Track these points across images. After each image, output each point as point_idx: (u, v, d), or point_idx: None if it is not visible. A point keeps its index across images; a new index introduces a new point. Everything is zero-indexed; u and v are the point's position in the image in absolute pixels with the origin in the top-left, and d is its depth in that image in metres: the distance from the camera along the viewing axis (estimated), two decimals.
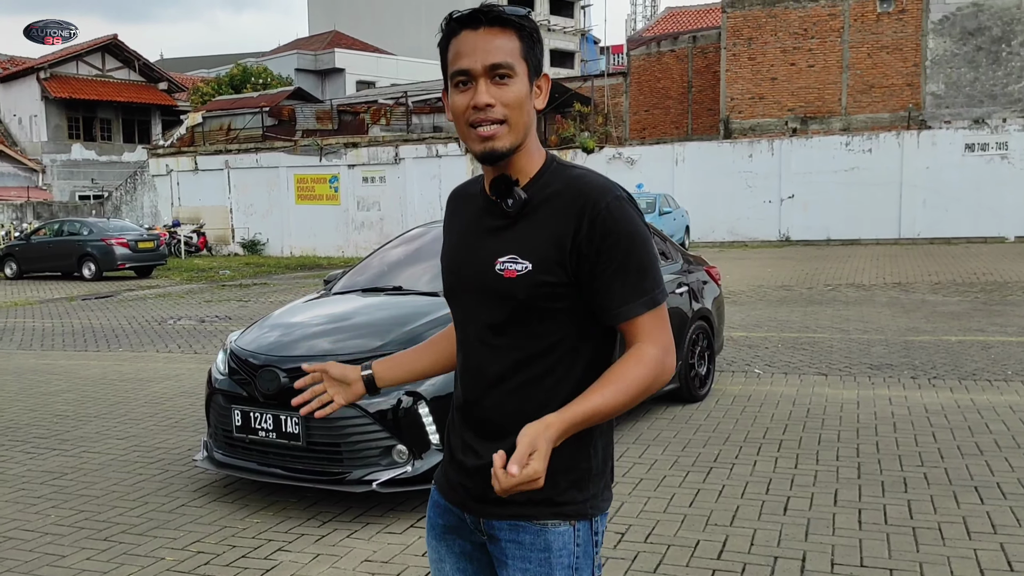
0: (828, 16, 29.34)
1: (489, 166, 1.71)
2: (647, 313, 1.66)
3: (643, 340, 1.66)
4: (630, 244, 1.65)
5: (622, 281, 1.65)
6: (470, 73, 1.64)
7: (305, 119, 30.07)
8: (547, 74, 1.74)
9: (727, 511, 4.45)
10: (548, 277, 1.65)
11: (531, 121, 1.69)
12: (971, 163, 24.54)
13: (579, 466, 1.70)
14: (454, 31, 1.68)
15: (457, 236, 1.82)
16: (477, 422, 1.73)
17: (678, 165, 27.06)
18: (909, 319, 10.80)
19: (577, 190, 1.67)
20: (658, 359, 1.65)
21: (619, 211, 1.65)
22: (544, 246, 1.65)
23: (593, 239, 1.63)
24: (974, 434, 5.71)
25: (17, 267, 22.51)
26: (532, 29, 1.68)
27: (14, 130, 41.31)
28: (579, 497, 1.70)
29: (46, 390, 8.10)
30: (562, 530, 1.69)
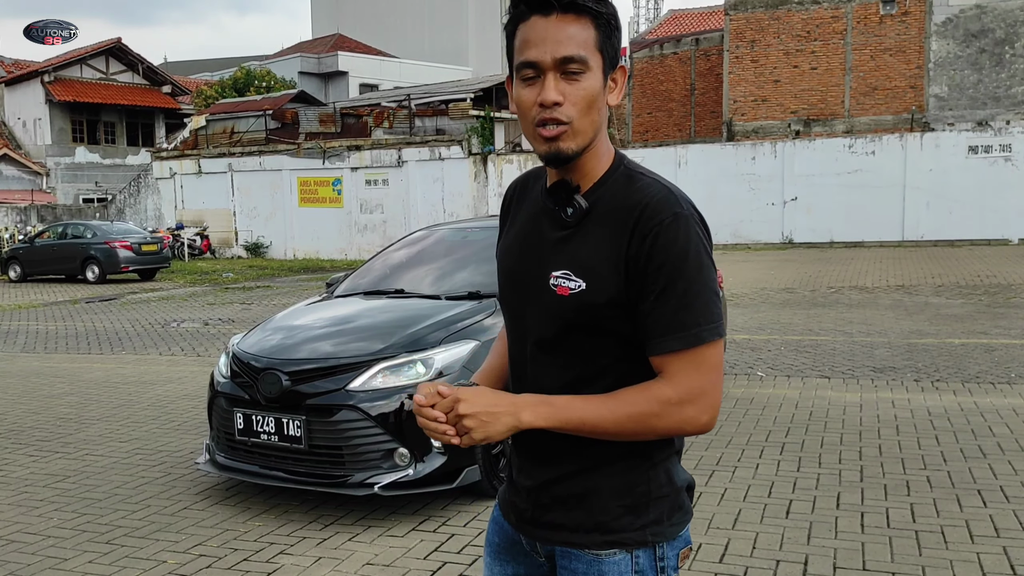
0: (831, 18, 29.33)
1: (554, 168, 1.56)
2: (682, 352, 1.46)
3: (665, 378, 1.48)
4: (679, 269, 1.46)
5: (662, 310, 1.46)
6: (538, 65, 1.48)
7: (308, 122, 30.11)
8: (623, 66, 1.57)
9: (729, 514, 4.45)
10: (601, 298, 1.50)
11: (603, 120, 1.54)
12: (975, 165, 24.49)
13: (634, 489, 1.56)
14: (523, 15, 1.51)
15: (513, 237, 1.67)
16: (526, 444, 1.62)
17: (681, 167, 27.04)
18: (912, 322, 10.78)
19: (634, 202, 1.50)
20: (670, 401, 1.46)
21: (674, 231, 1.46)
22: (599, 264, 1.50)
23: (640, 259, 1.47)
24: (977, 437, 5.70)
25: (21, 270, 22.56)
26: (610, 16, 1.50)
27: (18, 133, 41.39)
28: (636, 523, 1.56)
29: (49, 393, 8.11)
30: (618, 559, 1.55)
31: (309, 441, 4.55)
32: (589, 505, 1.56)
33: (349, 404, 4.51)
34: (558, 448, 1.56)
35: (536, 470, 1.60)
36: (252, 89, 40.16)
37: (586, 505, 1.56)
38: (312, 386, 4.61)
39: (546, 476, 1.58)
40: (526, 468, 1.63)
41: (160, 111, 43.00)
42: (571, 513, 1.57)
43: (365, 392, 4.54)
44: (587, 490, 1.56)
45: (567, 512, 1.58)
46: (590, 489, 1.56)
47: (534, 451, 1.61)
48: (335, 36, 50.74)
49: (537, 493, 1.59)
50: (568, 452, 1.54)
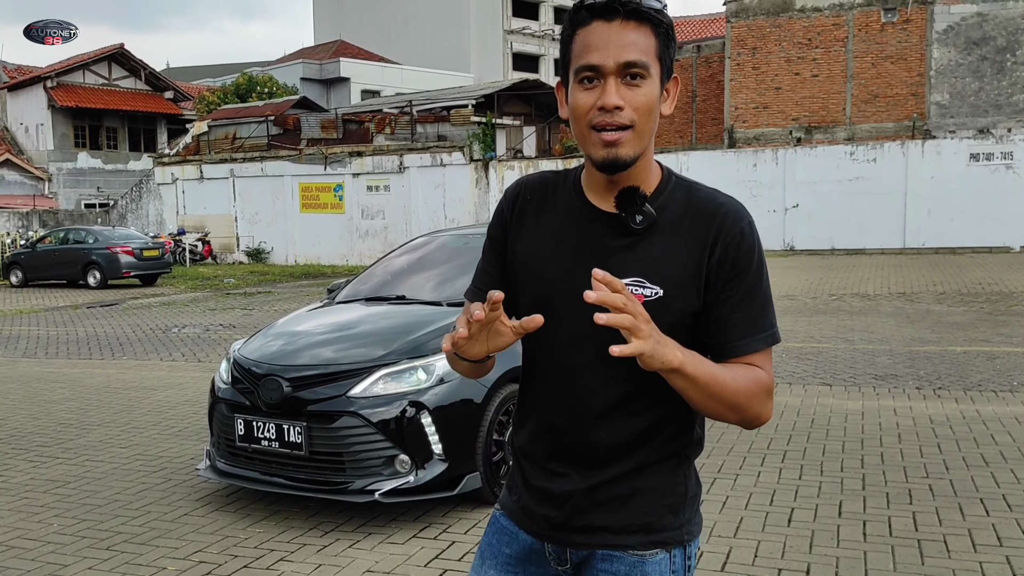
0: (832, 26, 29.38)
1: (607, 175, 1.55)
2: (764, 351, 1.55)
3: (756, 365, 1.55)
4: (758, 275, 1.55)
5: (744, 313, 1.53)
6: (600, 69, 1.48)
7: (310, 128, 30.15)
8: (677, 76, 1.60)
9: (731, 522, 4.43)
10: (679, 304, 1.52)
11: (655, 129, 1.56)
12: (976, 173, 24.50)
13: (675, 490, 1.61)
14: (584, 20, 1.51)
15: (551, 245, 1.62)
16: (570, 450, 1.60)
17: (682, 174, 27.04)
18: (914, 329, 10.77)
19: (710, 211, 1.55)
20: (769, 389, 1.54)
21: (752, 238, 1.55)
22: (676, 270, 1.53)
23: (724, 266, 1.52)
24: (979, 445, 5.68)
25: (22, 275, 22.58)
26: (669, 26, 1.53)
27: (21, 138, 41.46)
28: (675, 523, 1.61)
29: (50, 398, 8.10)
30: (660, 559, 1.59)
31: (310, 447, 4.54)
32: (636, 506, 1.58)
33: (350, 411, 4.50)
34: (607, 449, 1.57)
35: (582, 474, 1.59)
36: (254, 95, 40.23)
37: (632, 506, 1.58)
38: (313, 392, 4.61)
39: (596, 479, 1.58)
40: (565, 473, 1.61)
41: (162, 117, 43.07)
42: (615, 515, 1.58)
43: (366, 399, 4.53)
44: (635, 490, 1.58)
45: (611, 514, 1.59)
46: (637, 489, 1.58)
47: (575, 456, 1.60)
48: (337, 42, 50.86)
49: (580, 497, 1.59)
50: (621, 454, 1.56)
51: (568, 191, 1.64)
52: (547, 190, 1.68)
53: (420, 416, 4.48)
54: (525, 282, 1.64)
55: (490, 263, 1.73)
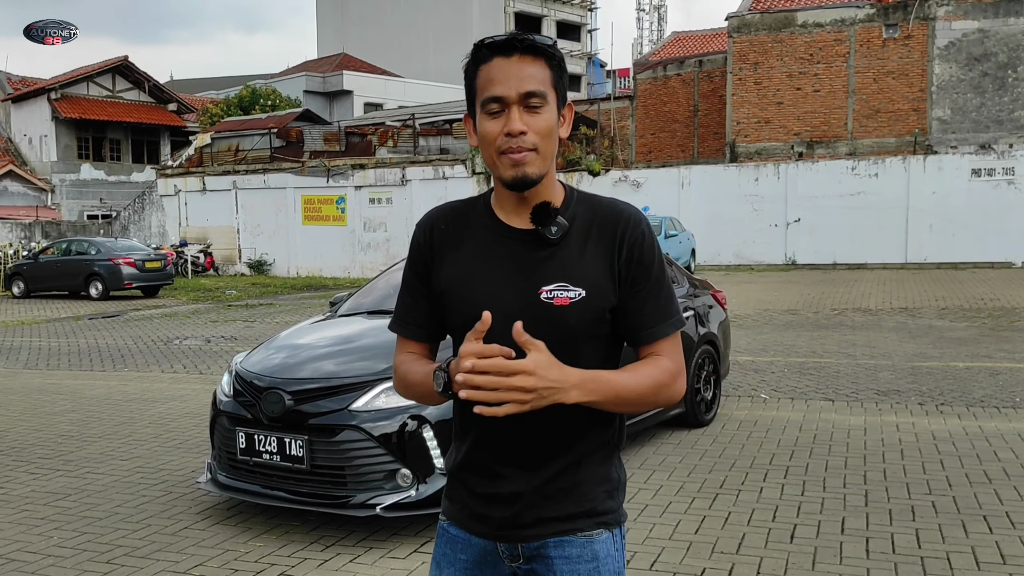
0: (834, 41, 29.48)
1: (517, 193, 1.71)
2: (672, 336, 1.75)
3: (662, 353, 1.73)
4: (661, 269, 1.75)
5: (654, 304, 1.73)
6: (504, 100, 1.65)
7: (313, 140, 30.23)
8: (571, 103, 1.77)
9: (733, 539, 4.42)
10: (599, 302, 1.69)
11: (555, 150, 1.71)
12: (978, 188, 24.54)
13: (611, 477, 1.78)
14: (485, 57, 1.67)
15: (474, 266, 1.75)
16: (512, 452, 1.72)
17: (684, 188, 27.10)
18: (916, 344, 10.75)
19: (614, 217, 1.73)
20: (674, 373, 1.72)
21: (651, 238, 1.75)
22: (593, 272, 1.70)
23: (631, 264, 1.71)
24: (982, 462, 5.67)
25: (25, 286, 22.59)
26: (561, 59, 1.70)
27: (24, 150, 41.59)
28: (614, 506, 1.78)
29: (51, 410, 8.10)
30: (605, 538, 1.76)
31: (311, 461, 4.53)
32: (579, 495, 1.74)
33: (352, 424, 4.49)
34: (548, 450, 1.71)
35: (527, 474, 1.73)
36: (257, 107, 40.36)
37: (576, 495, 1.74)
38: (315, 406, 4.60)
39: (541, 477, 1.72)
40: (506, 475, 1.73)
41: (165, 129, 43.20)
42: (562, 505, 1.73)
43: (368, 412, 4.52)
44: (576, 482, 1.74)
45: (559, 505, 1.73)
46: (579, 480, 1.74)
47: (518, 458, 1.73)
48: (340, 55, 51.07)
49: (529, 495, 1.72)
50: (558, 452, 1.71)
51: (481, 215, 1.79)
52: (459, 218, 1.82)
53: (422, 430, 4.47)
54: (454, 305, 1.76)
55: (413, 295, 1.86)
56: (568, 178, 27.56)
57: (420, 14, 54.43)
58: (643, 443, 6.34)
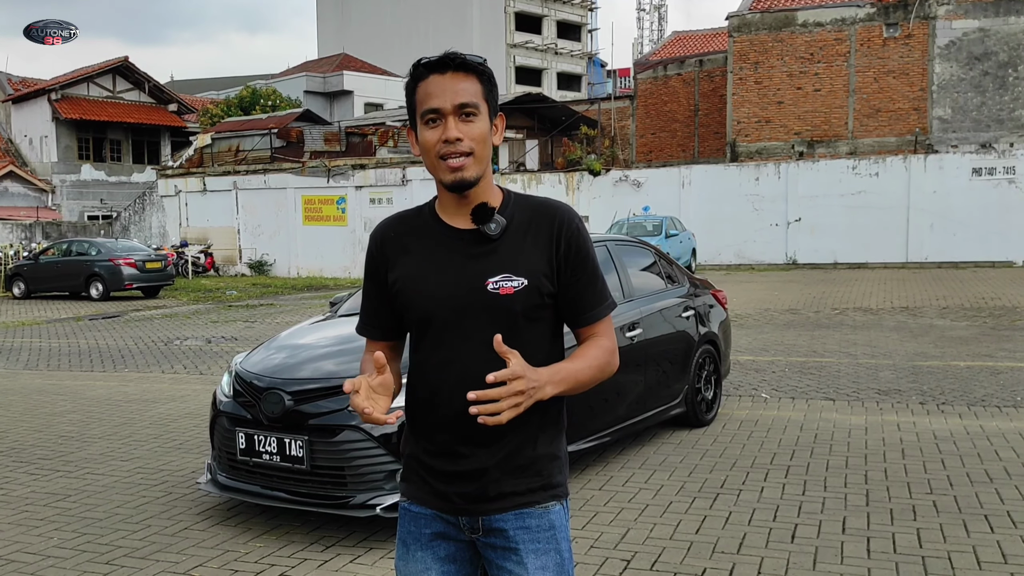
0: (834, 41, 29.47)
1: (456, 195, 1.90)
2: (607, 317, 1.99)
3: (600, 334, 1.97)
4: (594, 260, 1.97)
5: (591, 290, 1.96)
6: (440, 111, 1.85)
7: (313, 141, 30.23)
8: (503, 114, 1.97)
9: (734, 538, 4.41)
10: (540, 289, 1.89)
11: (489, 155, 1.90)
12: (978, 187, 24.52)
13: (558, 454, 1.98)
14: (422, 75, 1.88)
15: (423, 265, 1.94)
16: (469, 432, 1.86)
17: (684, 188, 27.09)
18: (917, 344, 10.74)
19: (549, 214, 1.94)
20: (612, 350, 1.98)
21: (585, 231, 1.97)
22: (533, 263, 1.89)
23: (569, 255, 1.92)
24: (984, 461, 5.66)
25: (25, 287, 22.60)
26: (490, 75, 1.91)
27: (25, 150, 41.60)
28: (561, 480, 1.98)
29: (51, 410, 8.09)
30: (557, 509, 1.96)
31: (311, 461, 4.52)
32: (535, 470, 1.93)
33: (351, 424, 4.48)
34: (506, 429, 1.83)
35: (484, 452, 1.89)
36: (258, 108, 40.36)
37: (532, 471, 1.92)
38: (315, 406, 4.59)
39: (501, 454, 1.89)
40: (467, 454, 1.89)
41: (166, 129, 43.21)
42: (520, 480, 1.91)
43: None
44: (531, 459, 1.92)
45: (517, 479, 1.91)
46: (533, 458, 1.92)
47: (475, 437, 1.87)
48: (341, 56, 51.06)
49: (492, 471, 1.89)
50: (516, 431, 1.86)
51: (426, 220, 1.98)
52: (406, 225, 2.01)
53: None
54: (410, 303, 1.95)
55: (372, 300, 2.06)
56: (569, 178, 27.55)
57: (420, 14, 54.43)
58: (644, 443, 6.33)
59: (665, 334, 6.46)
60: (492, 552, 1.93)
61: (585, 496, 5.14)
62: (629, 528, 4.59)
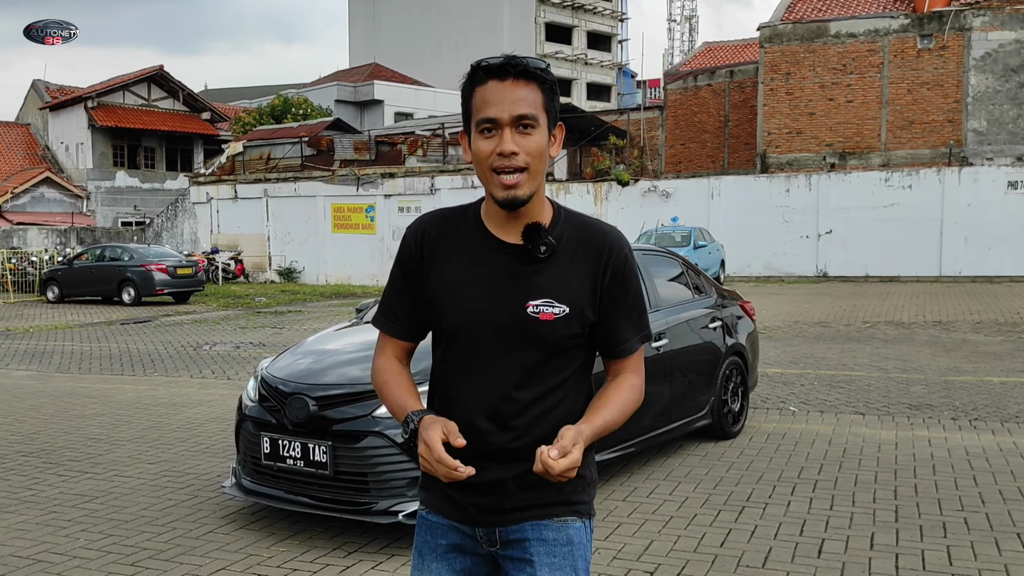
0: (867, 52, 29.20)
1: (508, 211, 1.81)
2: (640, 349, 1.93)
3: (631, 371, 1.93)
4: (637, 290, 1.90)
5: (628, 321, 1.89)
6: (497, 122, 1.74)
7: (343, 149, 30.45)
8: (561, 124, 1.86)
9: (759, 552, 4.35)
10: (581, 319, 1.83)
11: (545, 169, 1.82)
12: (1014, 201, 24.14)
13: (583, 474, 1.89)
14: (481, 79, 1.77)
15: (463, 276, 1.86)
16: (486, 447, 1.83)
17: (714, 199, 26.94)
18: (950, 359, 10.57)
19: (599, 240, 1.86)
20: (641, 389, 1.94)
21: (632, 260, 1.89)
22: (577, 291, 1.82)
23: (613, 285, 1.85)
24: (1016, 479, 5.54)
25: (59, 291, 22.94)
26: (553, 82, 1.80)
27: (61, 157, 42.34)
28: (586, 499, 1.92)
29: (81, 413, 8.19)
30: (578, 526, 1.90)
31: (335, 467, 4.53)
32: (556, 486, 1.84)
33: (375, 431, 4.49)
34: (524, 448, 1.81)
35: (499, 467, 1.83)
36: (289, 116, 40.76)
37: (552, 486, 1.83)
38: (339, 412, 4.61)
39: (515, 471, 1.83)
40: (485, 467, 1.82)
41: (199, 137, 43.78)
42: (539, 494, 1.85)
43: (391, 419, 4.51)
44: None
45: (536, 493, 1.85)
46: None
47: (494, 453, 1.84)
48: (371, 65, 51.46)
49: (509, 483, 1.84)
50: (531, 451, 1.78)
51: (471, 225, 1.89)
52: (448, 226, 1.91)
53: None
54: (444, 313, 1.87)
55: (401, 297, 1.94)
56: (597, 188, 27.51)
57: (451, 25, 54.74)
58: (669, 454, 6.28)
59: (692, 345, 6.41)
60: (509, 564, 1.90)
61: (609, 507, 5.11)
62: (653, 540, 4.54)
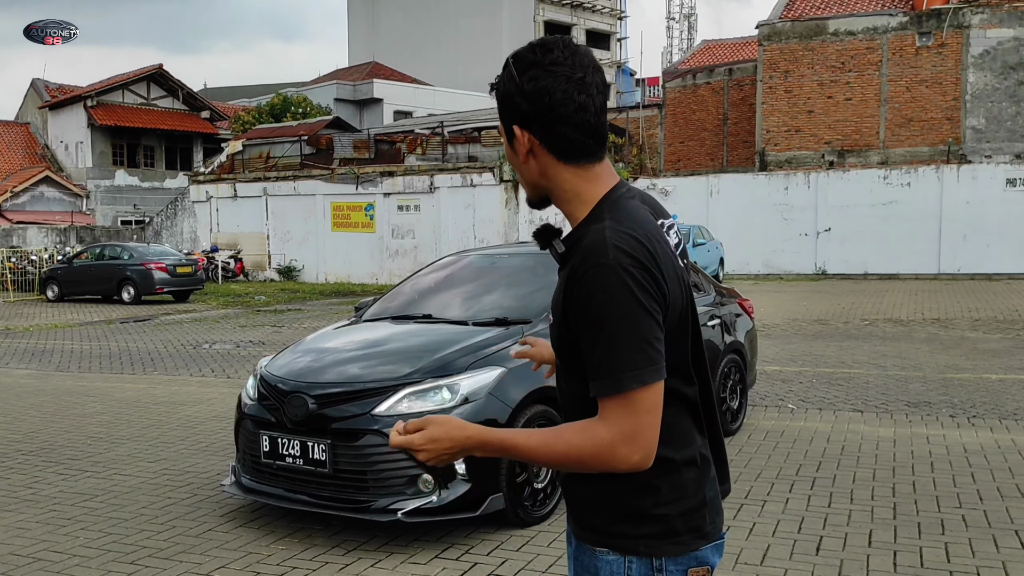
0: (866, 50, 29.19)
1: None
2: (609, 397, 1.54)
3: (601, 420, 1.56)
4: (600, 317, 1.54)
5: (591, 355, 1.57)
6: None
7: (343, 148, 30.44)
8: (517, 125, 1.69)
9: (758, 549, 4.36)
10: (561, 333, 1.68)
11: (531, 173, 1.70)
12: (1013, 198, 24.15)
13: (630, 503, 1.67)
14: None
15: None
16: None
17: (713, 197, 26.95)
18: (948, 356, 10.59)
19: (577, 248, 1.61)
20: (603, 441, 1.55)
21: (594, 280, 1.54)
22: (557, 303, 1.69)
23: (572, 304, 1.59)
24: (1014, 475, 5.56)
25: (59, 290, 22.93)
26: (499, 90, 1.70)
27: (60, 156, 42.31)
28: (632, 532, 1.67)
29: (81, 412, 8.20)
30: (611, 559, 1.70)
31: (334, 465, 4.54)
32: (591, 508, 1.73)
33: (374, 429, 4.50)
34: None
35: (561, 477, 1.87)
36: (288, 115, 40.74)
37: (589, 508, 1.74)
38: (338, 410, 4.62)
39: (564, 483, 1.84)
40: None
41: (198, 136, 43.75)
42: (579, 515, 1.78)
43: (390, 417, 4.53)
44: (589, 495, 1.72)
45: (574, 511, 1.80)
46: (590, 494, 1.72)
47: None
48: (371, 64, 51.43)
49: (565, 494, 1.85)
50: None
51: None
52: None
53: None
54: None
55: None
56: None
57: (450, 23, 54.72)
58: None
59: None
60: None
61: None
62: None
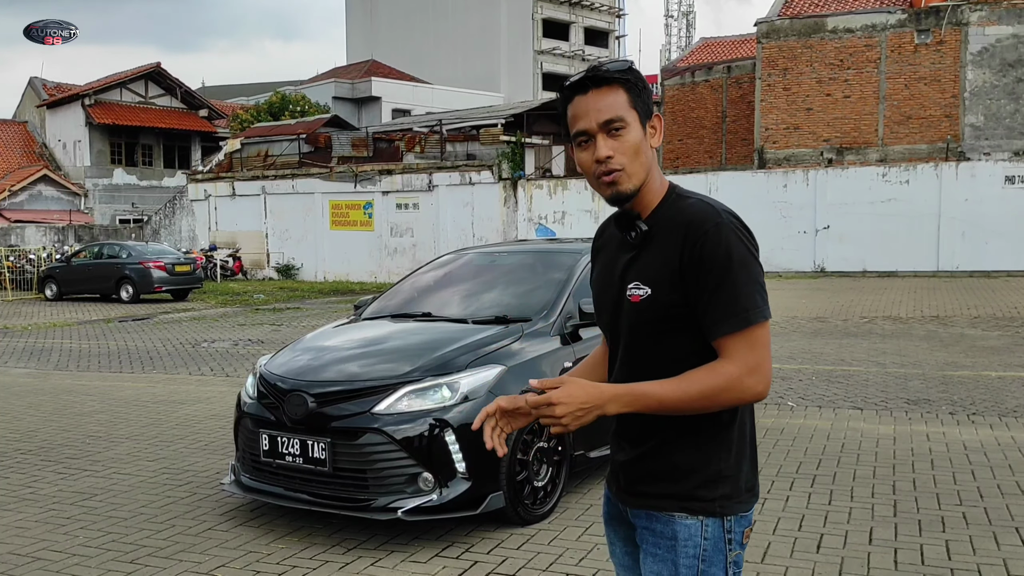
0: (865, 47, 29.18)
1: (617, 207, 1.94)
2: (735, 333, 1.80)
3: (725, 356, 1.81)
4: (725, 267, 1.80)
5: (715, 302, 1.81)
6: (587, 132, 1.88)
7: (341, 146, 30.42)
8: (659, 114, 1.94)
9: (758, 547, 4.36)
10: (664, 299, 1.85)
11: (651, 161, 1.91)
12: (1012, 195, 24.12)
13: (710, 467, 1.88)
14: (568, 97, 1.92)
15: (602, 265, 2.08)
16: (623, 425, 1.97)
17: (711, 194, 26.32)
18: (947, 353, 10.58)
19: (683, 219, 1.87)
20: (732, 375, 1.78)
21: (716, 236, 1.82)
22: (659, 272, 1.87)
23: (693, 263, 1.82)
24: (1015, 472, 5.55)
25: (57, 288, 22.92)
26: (635, 80, 1.89)
27: (59, 155, 42.25)
28: (708, 495, 1.87)
29: (80, 410, 8.19)
30: (689, 523, 1.87)
31: (333, 464, 4.53)
32: (673, 478, 1.89)
33: (374, 427, 4.49)
34: (644, 429, 1.91)
35: (629, 448, 1.96)
36: (287, 113, 40.70)
37: (669, 478, 1.89)
38: (337, 408, 4.61)
39: (637, 452, 1.93)
40: (622, 446, 1.99)
41: (196, 134, 43.71)
42: (654, 484, 1.91)
43: (390, 415, 4.52)
44: (667, 466, 1.89)
45: (651, 483, 1.91)
46: (670, 465, 1.89)
47: (627, 432, 1.96)
48: (369, 62, 51.38)
49: (630, 467, 1.95)
50: (651, 433, 1.89)
51: (612, 224, 2.07)
52: (606, 226, 2.13)
53: (444, 434, 4.46)
54: (593, 301, 2.13)
55: None
56: None
57: (448, 21, 54.66)
58: None
59: None
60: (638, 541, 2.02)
61: None
62: None
